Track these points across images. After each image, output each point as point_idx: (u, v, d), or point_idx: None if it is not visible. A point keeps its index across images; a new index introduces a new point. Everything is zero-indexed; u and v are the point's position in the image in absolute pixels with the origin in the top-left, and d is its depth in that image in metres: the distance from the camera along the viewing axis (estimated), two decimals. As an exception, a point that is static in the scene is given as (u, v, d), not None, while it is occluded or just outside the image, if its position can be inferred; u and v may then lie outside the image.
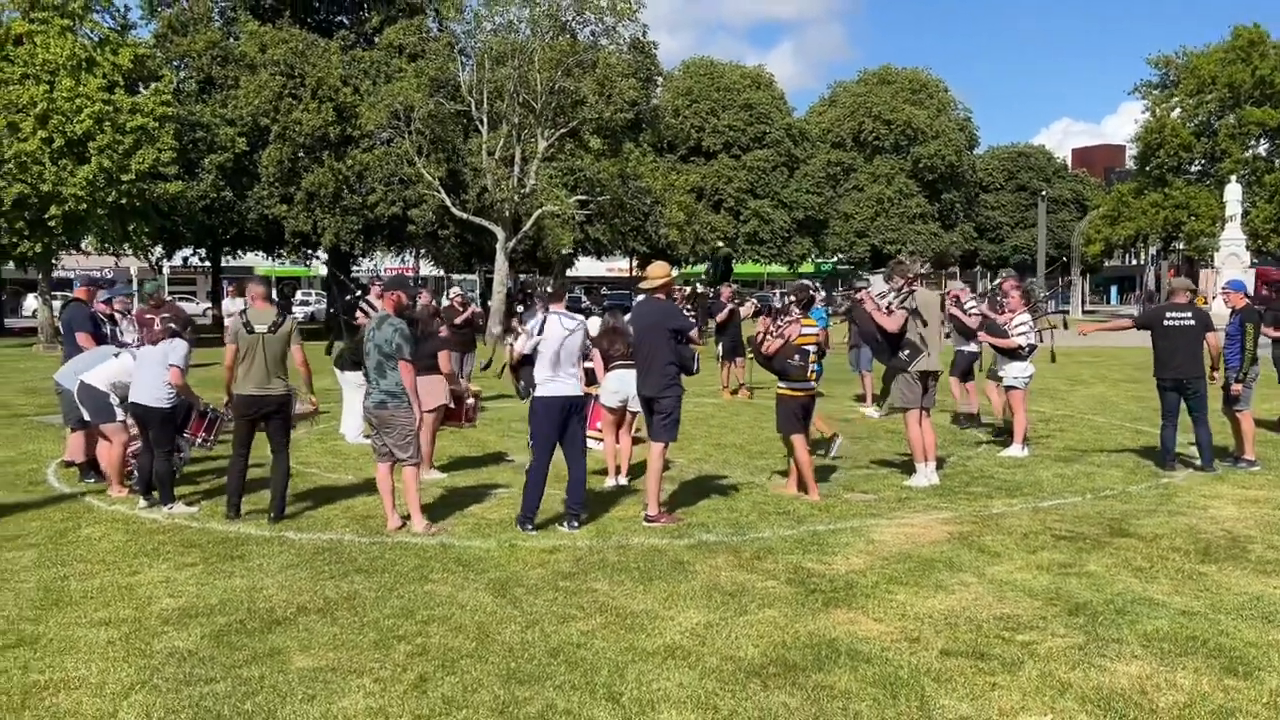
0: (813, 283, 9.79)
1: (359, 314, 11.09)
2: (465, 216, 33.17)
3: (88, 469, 9.21)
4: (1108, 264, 68.92)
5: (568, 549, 6.86)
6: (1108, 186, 67.02)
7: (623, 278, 63.60)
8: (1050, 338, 11.28)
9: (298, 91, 33.57)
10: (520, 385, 7.64)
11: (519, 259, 41.73)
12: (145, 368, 8.04)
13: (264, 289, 8.11)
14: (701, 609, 5.63)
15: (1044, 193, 61.91)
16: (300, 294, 56.51)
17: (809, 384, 8.51)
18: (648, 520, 7.55)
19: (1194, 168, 50.33)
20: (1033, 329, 10.91)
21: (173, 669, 4.82)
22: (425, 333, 9.15)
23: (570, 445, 7.50)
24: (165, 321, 8.11)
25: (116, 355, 8.79)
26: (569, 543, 7.03)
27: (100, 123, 27.80)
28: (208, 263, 43.39)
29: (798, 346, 8.39)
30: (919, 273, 9.30)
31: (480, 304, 32.33)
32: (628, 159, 39.17)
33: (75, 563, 6.62)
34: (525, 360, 7.54)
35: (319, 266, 51.59)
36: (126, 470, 8.65)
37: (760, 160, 53.68)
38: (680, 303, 13.48)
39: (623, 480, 9.09)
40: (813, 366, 8.50)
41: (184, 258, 44.95)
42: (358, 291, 13.61)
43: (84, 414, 8.64)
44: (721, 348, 16.60)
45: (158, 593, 5.99)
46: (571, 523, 7.40)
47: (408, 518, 7.50)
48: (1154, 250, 62.50)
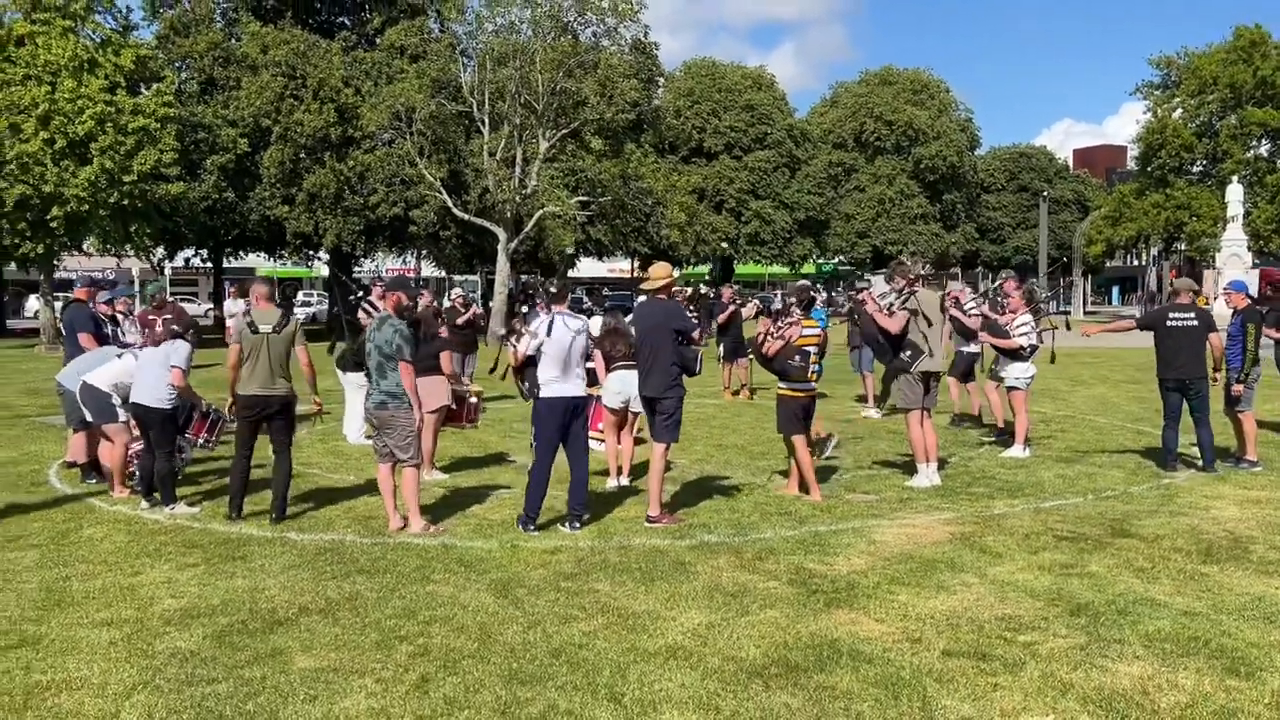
0: (813, 284, 9.76)
1: (361, 314, 11.10)
2: (466, 217, 33.19)
3: (89, 470, 9.22)
4: (1109, 265, 68.84)
5: (569, 549, 6.87)
6: (1109, 187, 67.01)
7: (624, 278, 63.61)
8: (1052, 338, 11.28)
9: (299, 92, 33.61)
10: (524, 387, 7.63)
11: (520, 260, 41.77)
12: (147, 368, 8.07)
13: (268, 289, 8.11)
14: (703, 609, 5.63)
15: (1045, 193, 61.91)
16: (302, 294, 56.53)
17: (810, 385, 8.52)
18: (649, 521, 7.55)
19: (1195, 168, 50.32)
20: (1034, 329, 10.91)
21: (175, 669, 4.83)
22: (428, 334, 9.15)
23: (573, 446, 7.51)
24: (168, 323, 8.13)
25: (119, 356, 8.79)
26: (571, 543, 7.03)
27: (102, 124, 27.82)
28: (209, 264, 43.47)
29: (799, 347, 8.40)
30: (920, 273, 9.30)
31: (482, 305, 32.38)
32: (629, 160, 39.17)
33: (77, 563, 6.62)
34: (528, 361, 7.53)
35: (320, 267, 51.68)
36: (128, 471, 8.66)
37: (762, 161, 53.68)
38: (683, 303, 13.45)
39: (624, 481, 9.09)
40: (813, 367, 8.52)
41: (186, 259, 45.07)
42: (359, 292, 13.62)
43: (86, 415, 8.65)
44: (723, 348, 16.57)
45: (160, 593, 5.99)
46: (573, 523, 7.41)
47: (424, 514, 7.51)
48: (1155, 251, 62.40)
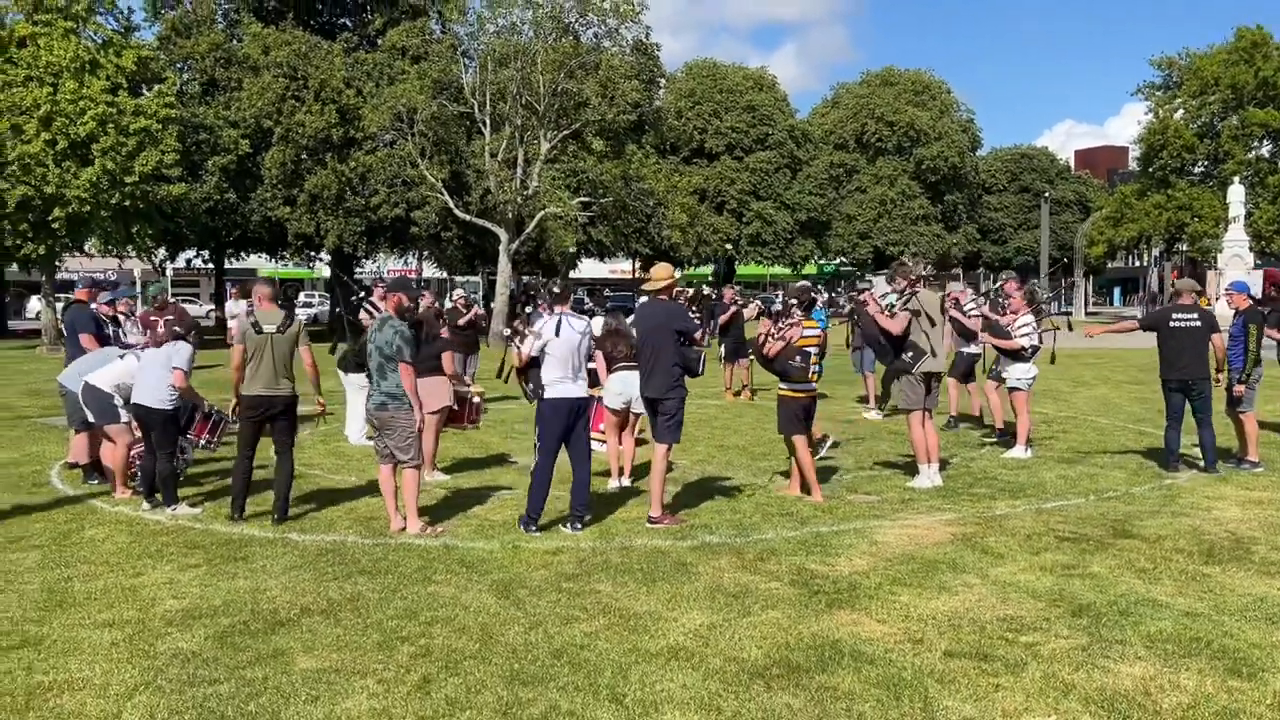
0: (813, 285, 9.73)
1: (363, 315, 11.11)
2: (468, 218, 33.21)
3: (91, 471, 9.22)
4: (1111, 266, 68.85)
5: (571, 550, 6.87)
6: (1111, 188, 66.98)
7: (625, 279, 63.60)
8: (1053, 339, 11.27)
9: (301, 93, 33.64)
10: (529, 388, 7.61)
11: (522, 261, 41.76)
12: (148, 369, 8.07)
13: (271, 290, 8.10)
14: (705, 610, 5.63)
15: (1047, 194, 61.88)
16: (303, 295, 56.53)
17: (810, 385, 8.52)
18: (651, 522, 7.55)
19: (1197, 169, 50.31)
20: (1036, 330, 10.91)
21: (176, 670, 4.83)
22: (430, 334, 9.15)
23: (575, 447, 7.51)
24: (170, 324, 8.13)
25: (121, 357, 8.80)
26: (572, 544, 7.03)
27: (104, 125, 27.84)
28: (211, 265, 43.50)
29: (799, 348, 8.40)
30: (921, 274, 9.29)
31: (483, 306, 32.39)
32: (630, 161, 39.19)
33: (79, 564, 6.63)
34: (532, 363, 7.52)
35: (322, 268, 51.70)
36: (130, 472, 8.66)
37: (763, 162, 53.67)
38: (684, 304, 13.44)
39: (626, 482, 9.09)
40: (814, 368, 8.51)
41: (187, 260, 45.13)
42: (360, 293, 13.63)
43: (88, 415, 8.65)
44: (725, 349, 16.56)
45: (161, 594, 5.99)
46: (575, 524, 7.41)
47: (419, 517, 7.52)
48: (1157, 252, 62.39)
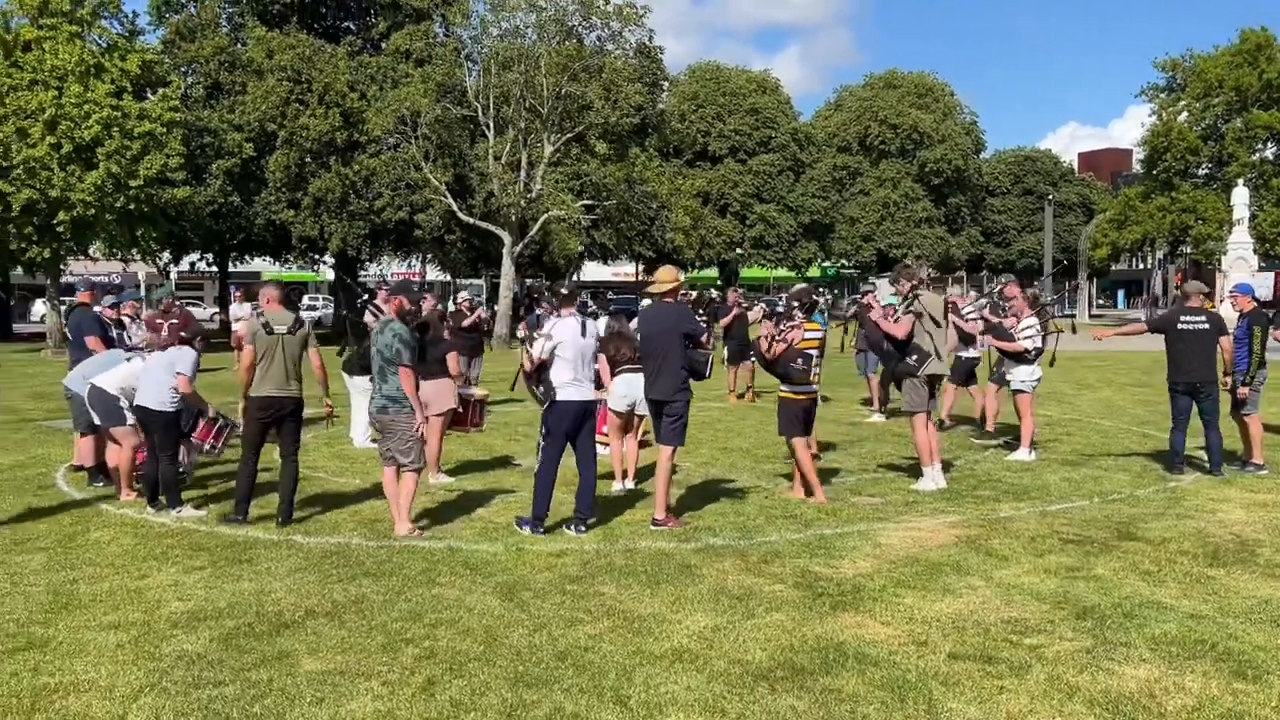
0: (816, 287, 9.70)
1: (368, 317, 11.11)
2: (471, 221, 33.25)
3: (96, 473, 9.24)
4: (1115, 268, 68.82)
5: (575, 553, 6.87)
6: (1114, 190, 66.98)
7: (629, 282, 63.61)
8: (1055, 341, 11.25)
9: (305, 97, 33.70)
10: (539, 391, 7.59)
11: (525, 263, 41.81)
12: (151, 372, 8.09)
13: (278, 292, 8.09)
14: (709, 612, 5.64)
15: (1050, 197, 61.81)
16: (307, 298, 56.53)
17: (811, 388, 8.52)
18: (655, 524, 7.55)
19: (1201, 171, 50.29)
20: (1039, 332, 10.89)
21: (182, 672, 4.84)
22: (435, 337, 9.16)
23: (582, 449, 7.52)
24: (175, 329, 8.16)
25: (127, 359, 8.82)
26: (576, 546, 7.04)
27: (108, 128, 27.89)
28: (215, 268, 43.59)
29: (800, 350, 8.40)
30: (923, 277, 9.29)
31: (487, 308, 32.40)
32: (634, 164, 39.23)
33: (84, 566, 6.64)
34: (542, 366, 7.50)
35: (326, 271, 51.75)
36: (136, 474, 8.68)
37: (766, 164, 53.68)
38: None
39: (630, 484, 9.09)
40: (815, 370, 8.51)
41: (191, 263, 45.19)
42: (365, 295, 13.64)
43: (94, 418, 8.67)
44: (728, 351, 16.56)
45: (166, 596, 6.01)
46: (578, 526, 7.41)
47: (415, 520, 7.53)
48: (1161, 254, 62.36)
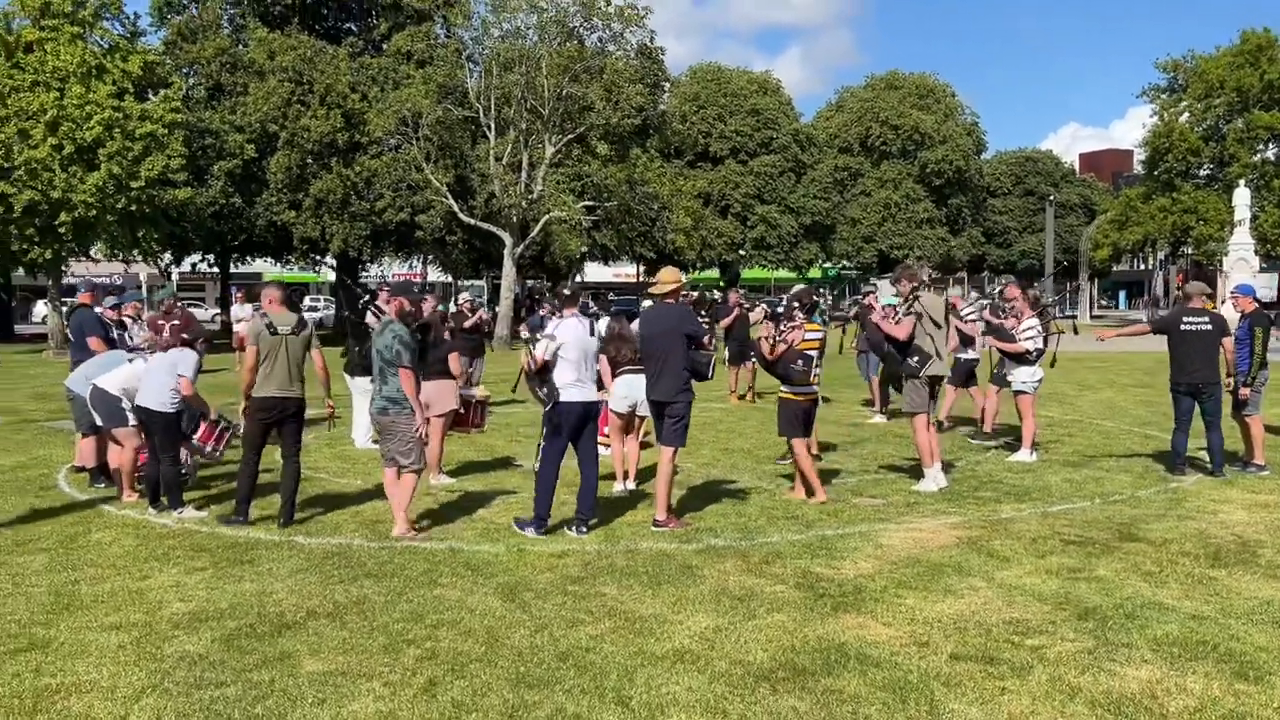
0: (816, 288, 9.76)
1: (370, 318, 11.12)
2: (473, 222, 33.27)
3: (98, 474, 9.25)
4: (1116, 269, 68.83)
5: (576, 553, 6.87)
6: (1116, 191, 66.97)
7: (630, 283, 63.64)
8: (1056, 342, 11.24)
9: (306, 98, 33.73)
10: (543, 392, 7.57)
11: (527, 265, 41.82)
12: (153, 373, 8.10)
13: (280, 293, 8.08)
14: (710, 613, 5.63)
15: (1052, 197, 61.85)
16: (308, 299, 56.56)
17: (811, 388, 8.53)
18: (656, 525, 7.55)
19: (1202, 172, 50.31)
20: (1040, 333, 10.88)
21: (183, 673, 4.84)
22: (436, 338, 9.16)
23: (584, 450, 7.53)
24: (176, 329, 8.16)
25: (130, 360, 8.82)
26: (577, 547, 7.04)
27: (110, 129, 27.93)
28: (216, 269, 43.62)
29: (800, 351, 8.40)
30: (924, 278, 9.29)
31: (488, 309, 32.42)
32: (635, 165, 39.26)
33: (86, 567, 6.64)
34: (545, 367, 7.49)
35: (327, 273, 51.76)
36: (137, 475, 8.68)
37: (767, 166, 53.73)
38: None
39: (631, 485, 9.10)
40: (815, 371, 8.52)
41: (193, 264, 45.26)
42: (366, 296, 13.64)
43: (96, 419, 8.67)
44: (729, 352, 16.56)
45: (168, 597, 6.01)
46: (579, 527, 7.41)
47: (415, 522, 7.53)
48: (1162, 255, 62.35)
